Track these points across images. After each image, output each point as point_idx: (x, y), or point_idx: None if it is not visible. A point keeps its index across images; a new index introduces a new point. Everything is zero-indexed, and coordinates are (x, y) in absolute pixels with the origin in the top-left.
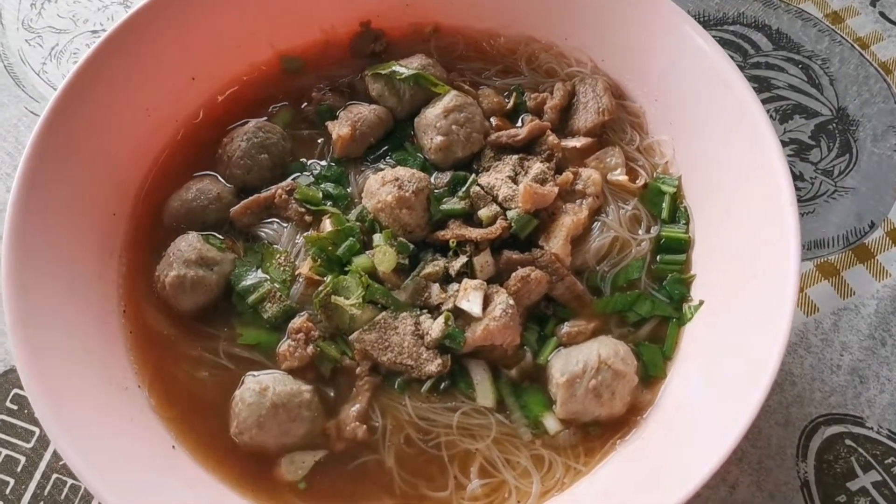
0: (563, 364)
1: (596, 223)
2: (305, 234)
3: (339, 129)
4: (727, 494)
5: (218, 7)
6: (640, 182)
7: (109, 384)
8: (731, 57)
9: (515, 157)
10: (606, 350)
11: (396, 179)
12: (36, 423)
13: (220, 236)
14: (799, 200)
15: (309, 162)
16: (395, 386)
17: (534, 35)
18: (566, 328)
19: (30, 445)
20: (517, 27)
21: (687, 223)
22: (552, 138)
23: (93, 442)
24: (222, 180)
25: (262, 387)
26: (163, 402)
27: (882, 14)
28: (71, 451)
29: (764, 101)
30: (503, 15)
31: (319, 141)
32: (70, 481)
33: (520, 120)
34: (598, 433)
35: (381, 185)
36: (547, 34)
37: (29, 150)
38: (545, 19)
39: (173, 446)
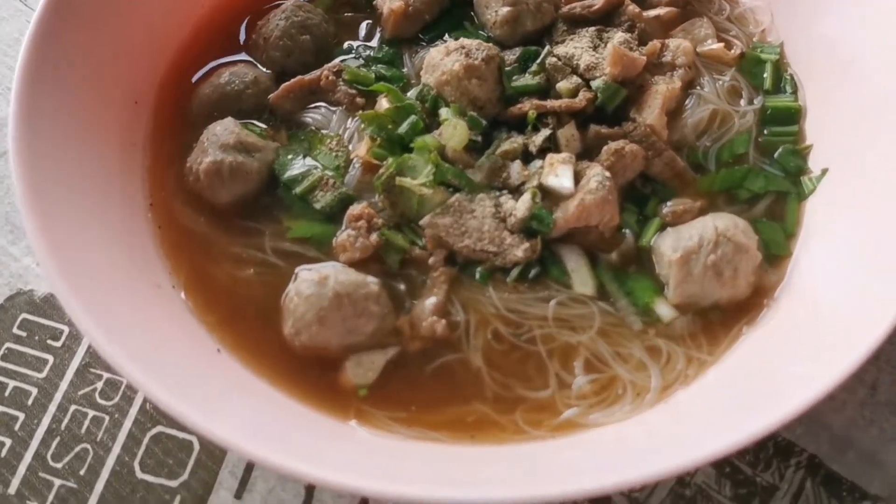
0: (674, 240)
1: (690, 96)
2: (361, 112)
3: (391, 3)
4: (867, 395)
5: None
6: (736, 51)
7: (141, 281)
8: None
9: (592, 28)
10: (724, 222)
11: (462, 48)
12: (49, 349)
13: (260, 124)
14: None
15: (356, 45)
16: (476, 276)
17: None
18: (670, 207)
19: (42, 375)
20: None
21: (795, 91)
22: (632, 7)
23: (127, 336)
24: (259, 65)
25: (321, 276)
26: (202, 304)
27: None
28: (107, 343)
29: None
30: None
31: (366, 24)
32: (91, 413)
33: None
34: (719, 318)
35: (446, 55)
36: None
37: (33, 26)
38: None
39: (218, 349)
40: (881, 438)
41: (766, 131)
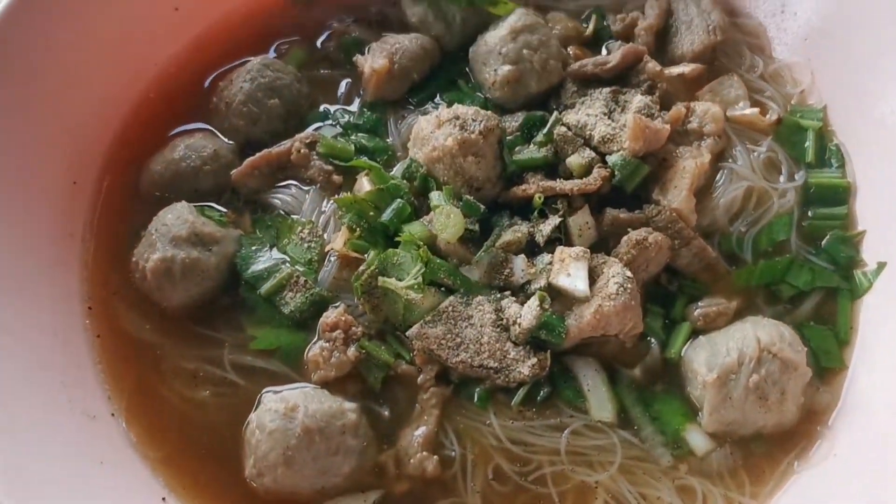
0: (709, 356)
1: (721, 171)
2: (336, 197)
3: (374, 61)
4: None
5: None
6: (773, 117)
7: (71, 413)
8: None
9: (607, 90)
10: (767, 333)
11: (456, 118)
12: None
13: (220, 208)
14: None
15: (333, 109)
16: (474, 398)
17: None
18: (701, 308)
19: None
20: None
21: (842, 165)
22: (652, 65)
23: (47, 499)
24: (220, 135)
25: (288, 406)
26: (147, 435)
27: None
28: None
29: None
30: None
31: (344, 83)
32: None
33: (603, 49)
34: (764, 451)
35: (437, 128)
36: None
37: None
38: None
39: (163, 498)
40: None
41: (810, 213)
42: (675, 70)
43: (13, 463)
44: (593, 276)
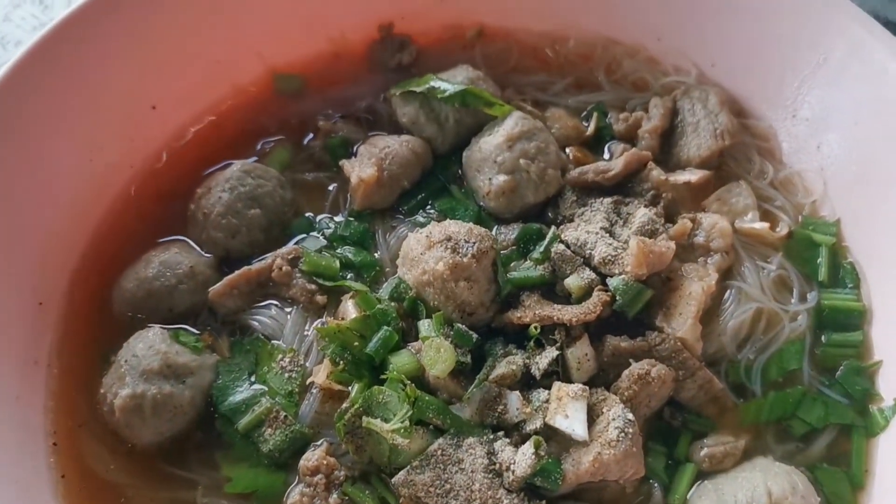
0: None
1: (729, 290)
2: (318, 324)
3: (361, 170)
4: None
5: (186, 10)
6: (783, 230)
7: None
8: None
9: (608, 200)
10: (779, 484)
11: (448, 239)
12: None
13: (195, 330)
14: None
15: (318, 218)
16: None
17: (613, 35)
18: (707, 448)
19: None
20: (590, 26)
21: (857, 286)
22: (656, 173)
23: None
24: (197, 248)
25: None
26: None
27: None
28: None
29: None
30: (569, 10)
31: (331, 188)
32: None
33: (605, 150)
34: None
35: (427, 249)
36: (632, 33)
37: None
38: (628, 14)
39: None
40: None
41: (823, 339)
42: (681, 178)
43: None
44: (592, 416)
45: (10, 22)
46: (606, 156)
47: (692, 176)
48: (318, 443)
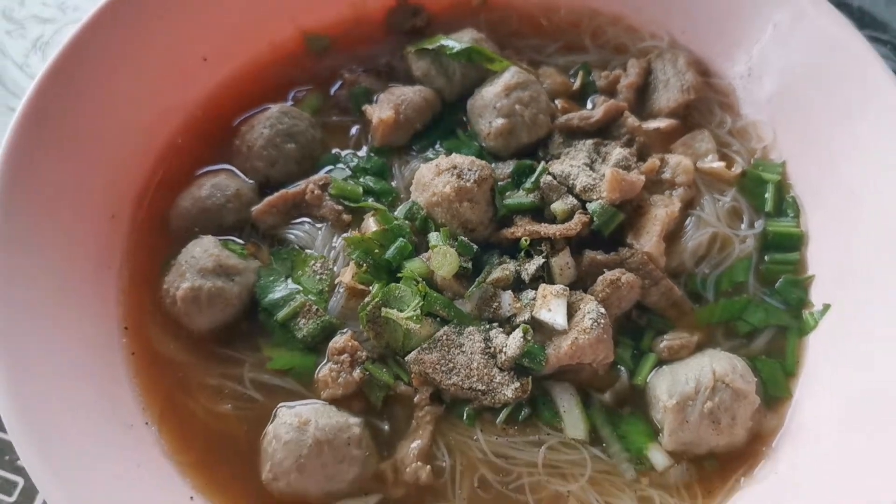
0: (670, 384)
1: (690, 218)
2: (345, 235)
3: (381, 112)
4: None
5: None
6: (738, 169)
7: (111, 421)
8: None
9: (590, 141)
10: (721, 365)
11: (454, 167)
12: (19, 472)
13: (241, 241)
14: None
15: (343, 153)
16: (464, 417)
17: (598, 7)
18: (666, 341)
19: (12, 500)
20: None
21: (797, 215)
22: (631, 120)
23: (92, 494)
24: (241, 175)
25: (301, 420)
26: (177, 442)
27: None
28: None
29: None
30: None
31: (354, 129)
32: None
33: (589, 102)
34: (715, 468)
35: (437, 175)
36: (614, 5)
37: (6, 145)
38: None
39: (192, 497)
40: None
41: (766, 258)
42: (652, 125)
43: (62, 464)
44: (571, 312)
45: None
46: (589, 106)
47: (661, 124)
48: (344, 330)
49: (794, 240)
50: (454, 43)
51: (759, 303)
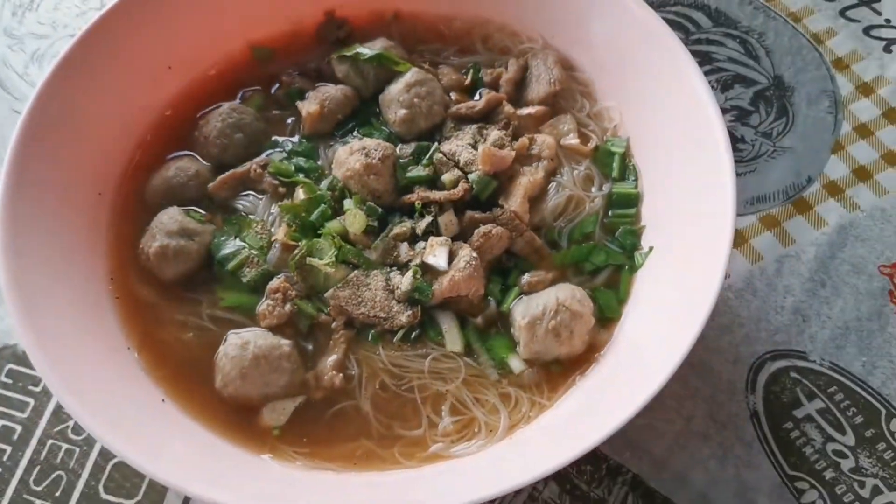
0: (525, 308)
1: (552, 184)
2: (280, 203)
3: (308, 106)
4: (683, 426)
5: (191, 4)
6: (592, 145)
7: (103, 347)
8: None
9: (475, 126)
10: (564, 293)
11: (363, 148)
12: (30, 394)
13: (201, 210)
14: (741, 161)
15: (281, 140)
16: (369, 338)
17: (488, 16)
18: (527, 278)
19: (25, 415)
20: (471, 10)
21: (636, 179)
22: (508, 108)
23: (89, 391)
24: (200, 159)
25: (243, 341)
26: (152, 362)
27: None
28: (70, 399)
29: (706, 73)
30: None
31: (290, 121)
32: (65, 446)
33: (477, 94)
34: (559, 370)
35: (350, 155)
36: (500, 15)
37: (14, 141)
38: (497, 1)
39: (163, 400)
40: (691, 461)
41: (610, 213)
42: (525, 111)
43: (68, 374)
44: (452, 257)
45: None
46: (477, 98)
47: (532, 110)
48: (279, 276)
49: (632, 198)
50: (367, 50)
51: (602, 248)
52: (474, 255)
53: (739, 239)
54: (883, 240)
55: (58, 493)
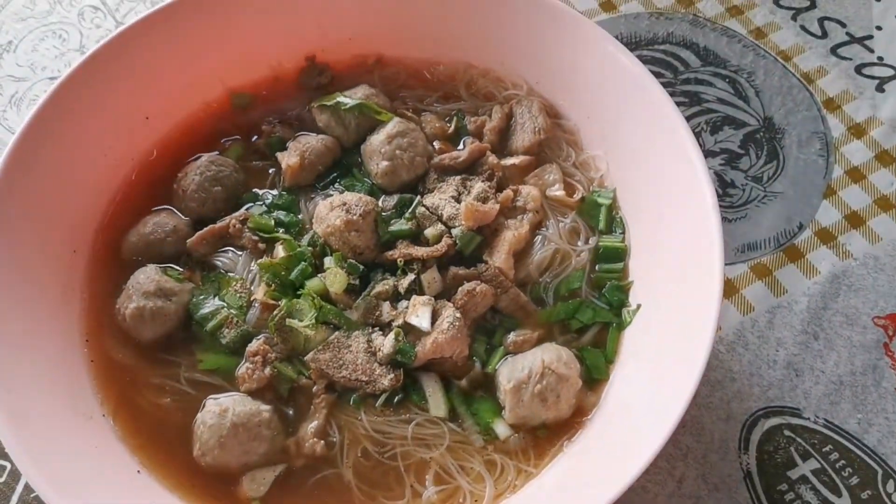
0: (510, 371)
1: (538, 237)
2: (259, 260)
3: (289, 159)
4: (675, 488)
5: (170, 50)
6: (578, 196)
7: (75, 414)
8: (662, 74)
9: (458, 178)
10: (550, 355)
11: (344, 204)
12: (6, 457)
13: (178, 267)
14: (731, 206)
15: (261, 192)
16: (351, 402)
17: (471, 61)
18: (512, 337)
19: (2, 479)
20: (455, 55)
21: (623, 232)
22: (492, 158)
23: (59, 467)
24: (178, 213)
25: (221, 408)
26: (127, 429)
27: (803, 27)
28: (37, 476)
29: (694, 115)
30: (441, 44)
31: (271, 171)
32: None
33: (461, 142)
34: (546, 435)
35: (330, 211)
36: (483, 60)
37: None
38: (481, 46)
39: (138, 471)
40: None
41: (597, 268)
42: (510, 161)
43: (37, 448)
44: (436, 316)
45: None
46: (461, 147)
47: (517, 160)
48: (259, 337)
49: (620, 252)
50: (347, 99)
51: (588, 304)
52: (458, 315)
53: (730, 289)
54: (877, 289)
55: None
